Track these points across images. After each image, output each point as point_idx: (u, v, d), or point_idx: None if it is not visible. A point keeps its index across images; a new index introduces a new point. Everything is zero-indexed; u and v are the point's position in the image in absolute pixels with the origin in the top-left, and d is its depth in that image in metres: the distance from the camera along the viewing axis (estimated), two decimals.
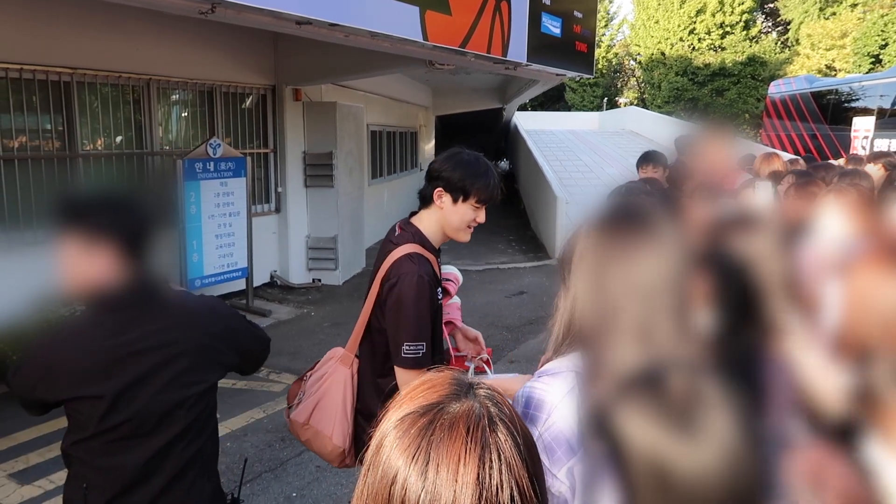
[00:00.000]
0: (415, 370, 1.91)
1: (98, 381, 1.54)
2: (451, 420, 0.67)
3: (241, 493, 3.60)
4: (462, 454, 0.64)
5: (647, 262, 1.06)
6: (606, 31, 35.34)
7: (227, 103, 7.29)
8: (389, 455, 0.67)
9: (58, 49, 5.46)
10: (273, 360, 5.51)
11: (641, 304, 1.04)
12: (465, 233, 2.06)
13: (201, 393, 1.64)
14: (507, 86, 13.48)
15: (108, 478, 1.60)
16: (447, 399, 0.70)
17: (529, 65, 7.62)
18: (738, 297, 1.29)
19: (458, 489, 0.63)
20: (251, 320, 1.82)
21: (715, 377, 0.93)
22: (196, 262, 6.27)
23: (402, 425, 0.68)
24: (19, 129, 5.36)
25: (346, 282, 8.25)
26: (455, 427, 0.66)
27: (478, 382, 0.74)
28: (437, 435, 0.66)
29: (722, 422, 0.87)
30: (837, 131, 15.83)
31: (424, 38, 5.63)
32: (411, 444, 0.66)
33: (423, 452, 0.65)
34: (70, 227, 1.58)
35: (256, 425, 4.39)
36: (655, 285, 1.04)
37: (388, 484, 0.65)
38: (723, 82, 30.30)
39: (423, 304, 1.94)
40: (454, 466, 0.64)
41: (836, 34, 27.72)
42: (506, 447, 0.66)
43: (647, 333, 1.02)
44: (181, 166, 6.03)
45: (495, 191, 2.00)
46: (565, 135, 24.02)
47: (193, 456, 1.65)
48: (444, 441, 0.65)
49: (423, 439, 0.66)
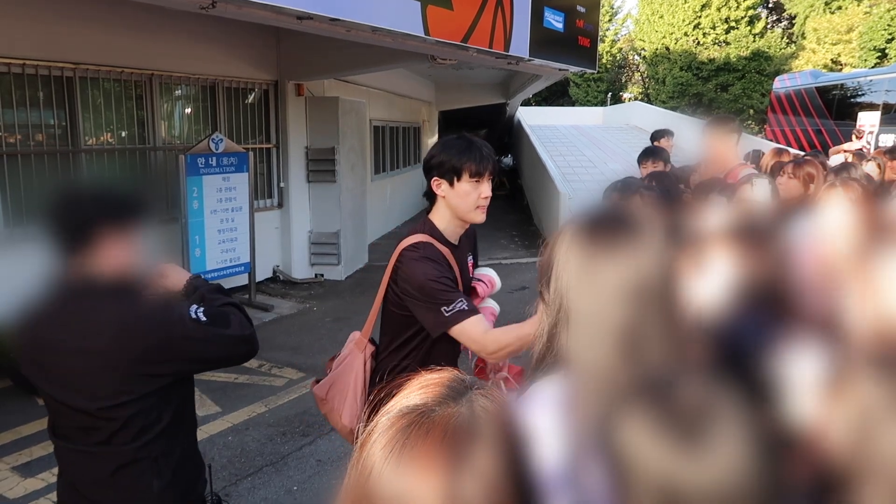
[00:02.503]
0: (469, 319, 1.89)
1: (37, 378, 1.59)
2: (429, 424, 0.67)
3: (242, 487, 3.62)
4: (430, 460, 0.64)
5: (633, 265, 0.99)
6: (610, 25, 35.21)
7: (230, 98, 7.30)
8: (371, 449, 0.68)
9: (60, 44, 5.47)
10: (275, 355, 5.55)
11: (631, 309, 0.97)
12: (476, 213, 2.04)
13: (126, 403, 1.56)
14: (510, 81, 13.45)
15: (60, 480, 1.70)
16: (437, 402, 0.69)
17: (532, 60, 7.59)
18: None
19: (424, 494, 0.62)
20: (229, 315, 1.70)
21: (720, 382, 0.82)
22: (199, 257, 6.29)
23: (388, 422, 0.69)
24: (22, 124, 5.38)
25: (349, 277, 8.26)
26: (431, 432, 0.66)
27: (479, 387, 0.72)
28: (412, 437, 0.66)
29: (733, 433, 0.76)
30: (843, 126, 15.76)
31: (426, 33, 5.61)
32: (389, 442, 0.67)
33: (397, 452, 0.66)
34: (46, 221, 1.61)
35: (258, 419, 4.40)
36: (643, 289, 0.98)
37: (366, 476, 0.67)
38: (727, 77, 30.19)
39: (431, 270, 1.95)
40: (421, 471, 0.64)
41: (842, 29, 27.58)
42: (482, 462, 0.64)
43: (639, 341, 0.95)
44: (184, 161, 6.05)
45: (485, 161, 1.99)
46: (569, 130, 23.97)
47: (130, 462, 1.60)
48: (417, 444, 0.65)
49: (400, 439, 0.66)
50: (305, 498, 3.54)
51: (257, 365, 5.34)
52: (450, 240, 2.08)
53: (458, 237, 2.11)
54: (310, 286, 7.93)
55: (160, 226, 1.99)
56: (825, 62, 27.55)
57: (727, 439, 0.74)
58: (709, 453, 0.74)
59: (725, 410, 0.77)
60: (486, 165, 1.98)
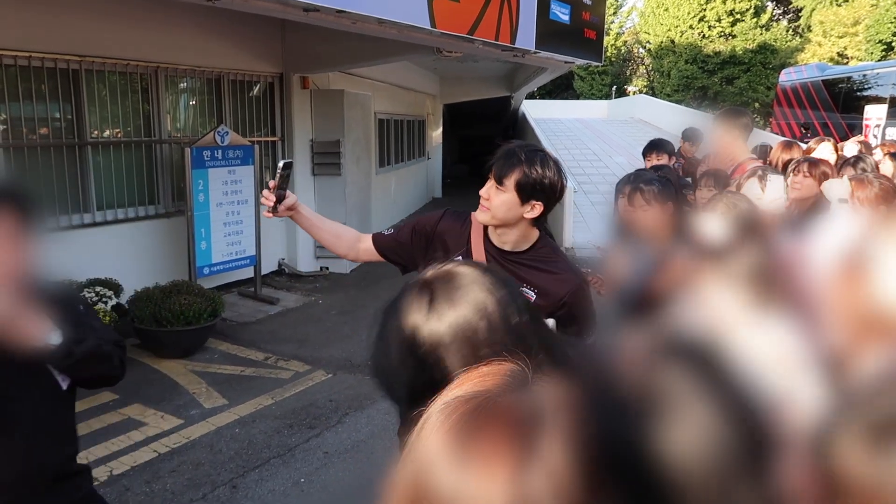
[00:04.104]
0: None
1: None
2: (496, 410, 0.59)
3: (249, 479, 3.64)
4: (497, 450, 0.55)
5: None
6: (615, 18, 35.07)
7: (235, 91, 7.29)
8: (427, 440, 0.60)
9: (65, 37, 5.46)
10: (281, 347, 5.57)
11: None
12: (478, 212, 2.04)
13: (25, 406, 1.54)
14: (515, 74, 13.41)
15: None
16: (501, 389, 0.62)
17: (538, 52, 7.57)
18: None
19: (488, 488, 0.54)
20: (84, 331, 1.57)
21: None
22: (204, 249, 6.30)
23: (447, 409, 0.61)
24: (28, 117, 5.38)
25: (354, 270, 8.26)
26: (498, 418, 0.57)
27: (541, 378, 0.64)
28: (476, 424, 0.58)
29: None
30: (849, 120, 15.68)
31: (432, 25, 5.59)
32: (449, 430, 0.59)
33: (458, 441, 0.57)
34: None
35: (265, 411, 4.41)
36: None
37: (422, 470, 0.59)
38: (733, 70, 30.08)
39: (424, 216, 2.14)
40: (486, 462, 0.55)
41: (849, 21, 27.43)
42: (553, 457, 0.55)
43: None
44: (189, 154, 6.05)
45: (496, 164, 1.97)
46: (574, 123, 23.92)
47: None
48: (482, 432, 0.57)
49: (462, 427, 0.58)
50: (313, 490, 3.56)
51: (263, 357, 5.35)
52: (491, 238, 2.04)
53: (501, 240, 2.03)
54: (315, 279, 7.93)
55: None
56: (831, 55, 27.42)
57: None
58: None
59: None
60: (495, 168, 1.96)
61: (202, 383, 4.82)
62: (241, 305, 6.74)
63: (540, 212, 1.94)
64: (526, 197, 1.91)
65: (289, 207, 2.07)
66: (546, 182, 1.90)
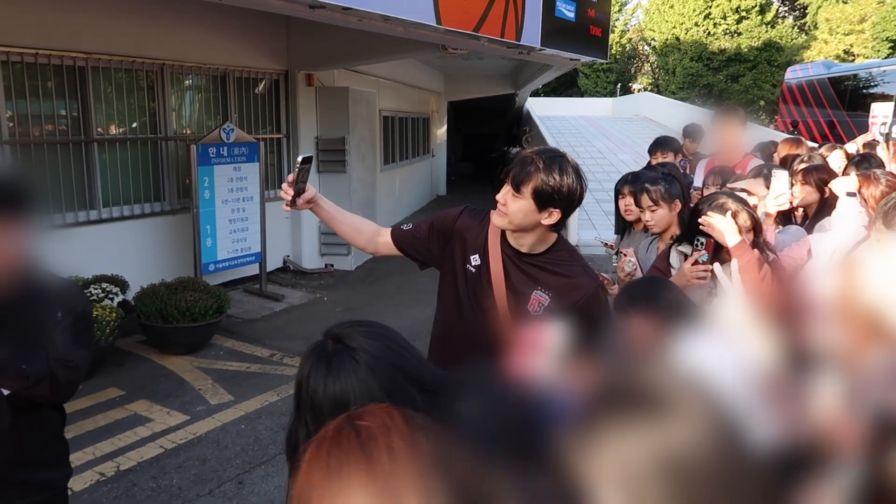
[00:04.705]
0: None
1: None
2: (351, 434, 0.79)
3: (256, 474, 3.65)
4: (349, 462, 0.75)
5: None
6: (620, 15, 34.98)
7: (241, 88, 7.30)
8: (304, 464, 0.81)
9: (72, 35, 5.48)
10: (286, 344, 5.58)
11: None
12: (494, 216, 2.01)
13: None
14: (519, 71, 13.38)
15: None
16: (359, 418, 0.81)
17: (543, 49, 7.55)
18: None
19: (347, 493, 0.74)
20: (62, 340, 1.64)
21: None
22: (210, 246, 6.31)
23: (316, 439, 0.82)
24: (34, 114, 5.40)
25: (359, 267, 8.27)
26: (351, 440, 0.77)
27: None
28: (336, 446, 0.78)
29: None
30: (855, 117, 15.61)
31: (438, 22, 5.58)
32: (316, 453, 0.79)
33: (323, 460, 0.77)
34: None
35: (271, 408, 4.43)
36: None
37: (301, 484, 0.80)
38: (738, 68, 29.97)
39: (442, 213, 2.14)
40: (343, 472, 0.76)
41: (855, 19, 27.31)
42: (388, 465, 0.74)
43: None
44: (195, 151, 6.06)
45: (512, 169, 1.94)
46: (578, 121, 23.89)
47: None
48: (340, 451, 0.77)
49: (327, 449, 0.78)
50: None
51: (269, 354, 5.37)
52: (508, 239, 2.02)
53: (518, 243, 2.01)
54: (320, 276, 7.95)
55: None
56: (837, 52, 27.29)
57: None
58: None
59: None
60: (512, 174, 1.93)
61: (208, 379, 4.84)
62: (246, 302, 6.76)
63: (558, 219, 1.91)
64: (543, 204, 1.87)
65: (308, 200, 2.10)
66: (564, 190, 1.86)
